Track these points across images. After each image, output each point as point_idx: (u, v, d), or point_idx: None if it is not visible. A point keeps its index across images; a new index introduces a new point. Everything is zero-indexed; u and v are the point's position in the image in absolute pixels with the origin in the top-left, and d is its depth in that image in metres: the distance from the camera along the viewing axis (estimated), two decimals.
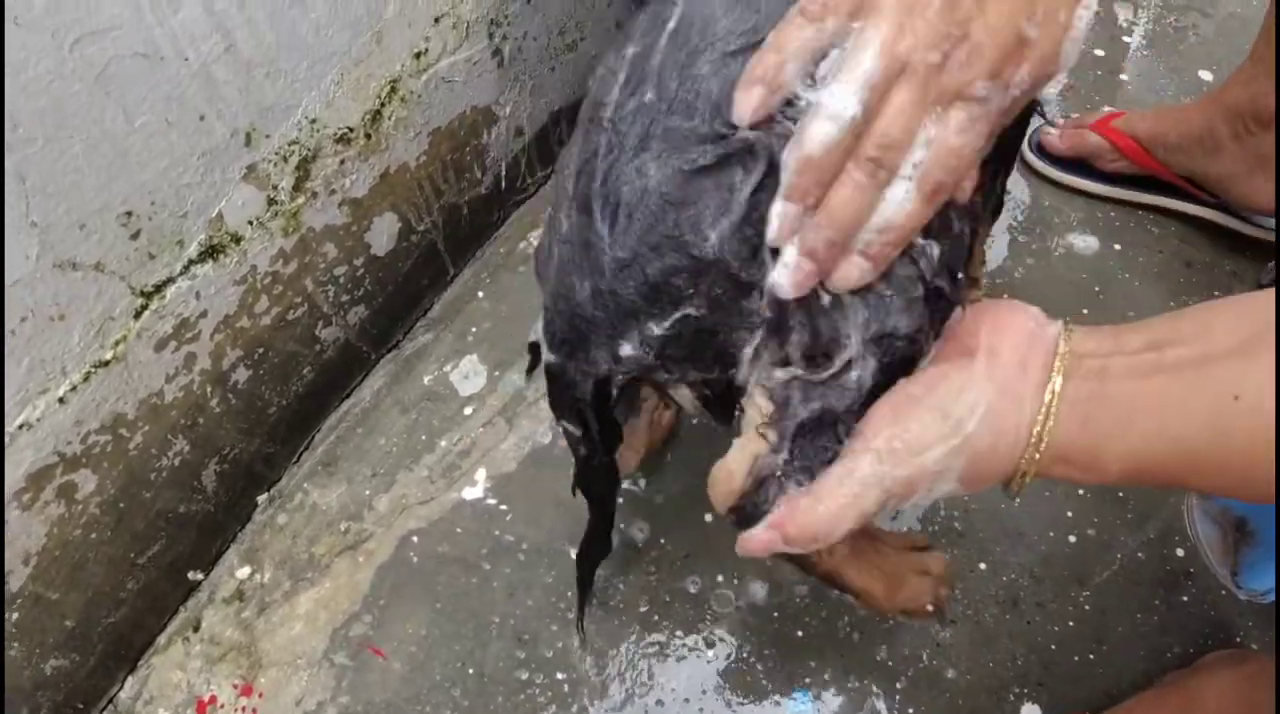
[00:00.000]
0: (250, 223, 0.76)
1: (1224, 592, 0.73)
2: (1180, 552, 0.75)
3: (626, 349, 0.48)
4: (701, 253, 0.44)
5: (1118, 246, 0.95)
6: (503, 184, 1.03)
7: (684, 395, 0.53)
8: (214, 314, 0.76)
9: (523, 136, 1.03)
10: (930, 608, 0.60)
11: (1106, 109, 1.01)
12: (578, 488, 0.60)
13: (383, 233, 0.90)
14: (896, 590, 0.59)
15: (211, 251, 0.74)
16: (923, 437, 0.42)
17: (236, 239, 0.75)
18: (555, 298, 0.51)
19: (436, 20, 0.86)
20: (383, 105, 0.84)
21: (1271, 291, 0.38)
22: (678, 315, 0.46)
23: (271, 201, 0.77)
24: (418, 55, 0.85)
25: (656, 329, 0.47)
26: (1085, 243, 0.95)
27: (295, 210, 0.80)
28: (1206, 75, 1.16)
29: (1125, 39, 1.19)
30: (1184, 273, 0.93)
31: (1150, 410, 0.39)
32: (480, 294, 0.96)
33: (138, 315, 0.70)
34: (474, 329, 0.93)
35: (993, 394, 0.41)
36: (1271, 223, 0.93)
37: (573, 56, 1.06)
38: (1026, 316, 0.45)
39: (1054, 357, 0.42)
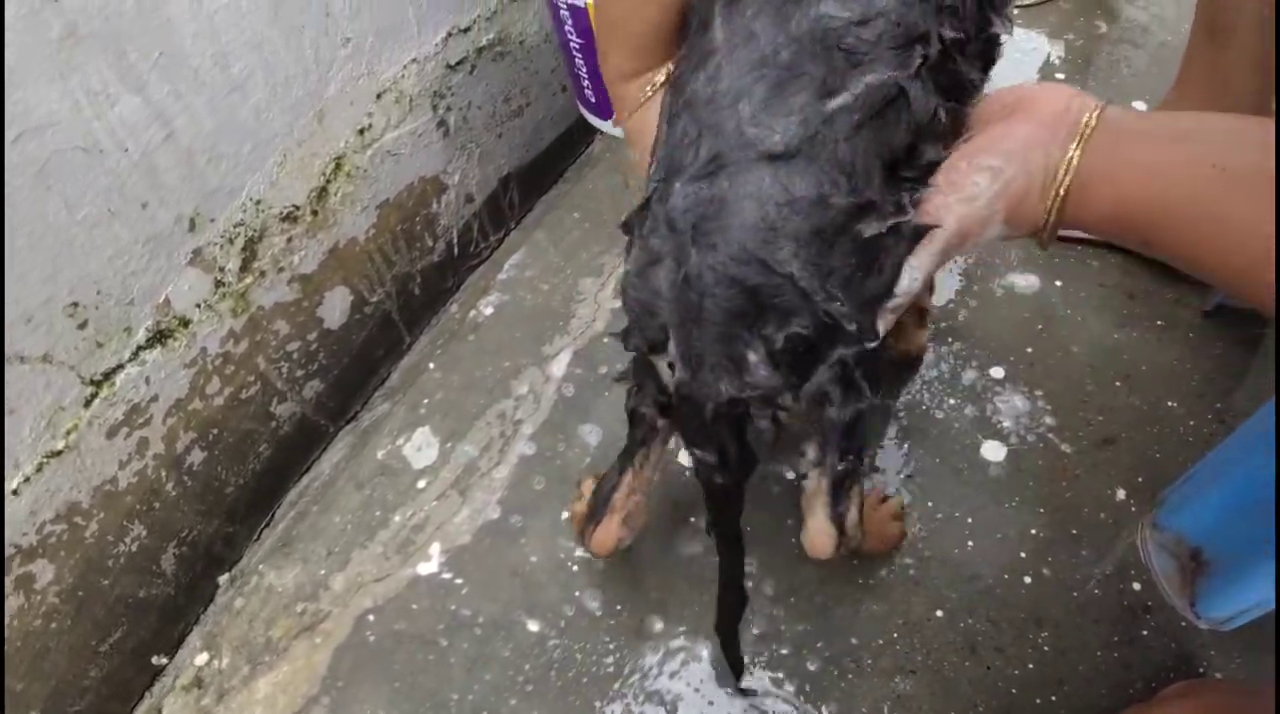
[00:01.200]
0: (198, 306, 0.78)
1: (1184, 623, 0.74)
2: (1137, 585, 0.76)
3: (752, 357, 0.50)
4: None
5: (1059, 283, 0.98)
6: (455, 250, 1.05)
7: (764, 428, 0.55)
8: (165, 398, 0.78)
9: (473, 203, 1.06)
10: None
11: None
12: (712, 528, 0.63)
13: (335, 307, 0.92)
14: (885, 537, 0.78)
15: (160, 337, 0.75)
16: (974, 189, 0.48)
17: (185, 323, 0.77)
18: (678, 310, 0.51)
19: (379, 96, 0.89)
20: (328, 182, 0.87)
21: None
22: (789, 330, 0.49)
23: (219, 283, 0.79)
24: (361, 132, 0.88)
25: (777, 340, 0.49)
26: (1026, 282, 0.98)
27: (244, 290, 0.82)
28: (1140, 106, 1.19)
29: (1058, 76, 1.23)
30: (1127, 304, 0.95)
31: (1145, 167, 0.45)
32: (431, 365, 0.98)
33: (88, 404, 0.72)
34: (426, 401, 0.95)
35: (1027, 138, 0.47)
36: None
37: (519, 122, 1.09)
38: (1064, 92, 0.49)
39: (1085, 116, 0.47)
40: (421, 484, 0.88)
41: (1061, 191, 0.47)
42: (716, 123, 0.49)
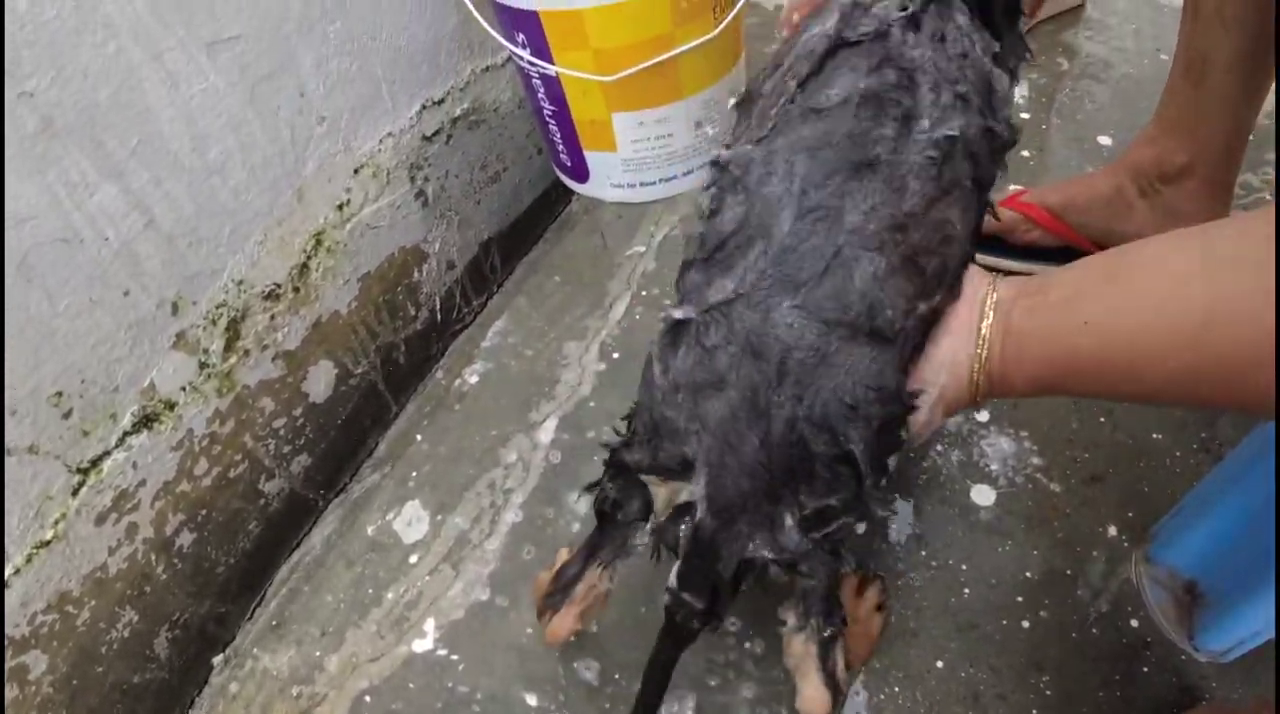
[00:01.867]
0: (183, 388, 0.79)
1: (1184, 656, 0.74)
2: (1135, 623, 0.76)
3: (789, 520, 0.50)
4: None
5: None
6: (438, 317, 1.07)
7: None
8: (153, 482, 0.78)
9: (454, 269, 1.07)
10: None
11: (1013, 187, 1.06)
12: (652, 663, 0.62)
13: (319, 380, 0.93)
14: (871, 635, 0.77)
15: (146, 421, 0.76)
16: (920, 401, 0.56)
17: (170, 406, 0.78)
18: (722, 450, 0.49)
19: (356, 171, 0.90)
20: (309, 258, 0.88)
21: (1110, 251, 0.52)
22: (823, 502, 0.49)
23: (203, 365, 0.80)
24: (340, 207, 0.90)
25: (809, 507, 0.49)
26: None
27: (228, 370, 0.82)
28: (1106, 140, 1.22)
29: (1024, 114, 1.26)
30: None
31: (1036, 338, 0.52)
32: (419, 437, 0.99)
33: (75, 492, 0.72)
34: (414, 473, 0.95)
35: (950, 348, 0.55)
36: None
37: (497, 187, 1.11)
38: (972, 298, 0.57)
39: (983, 305, 0.55)
40: (413, 559, 0.88)
41: (980, 382, 0.55)
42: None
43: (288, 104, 0.81)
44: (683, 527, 0.52)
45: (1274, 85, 0.88)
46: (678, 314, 0.52)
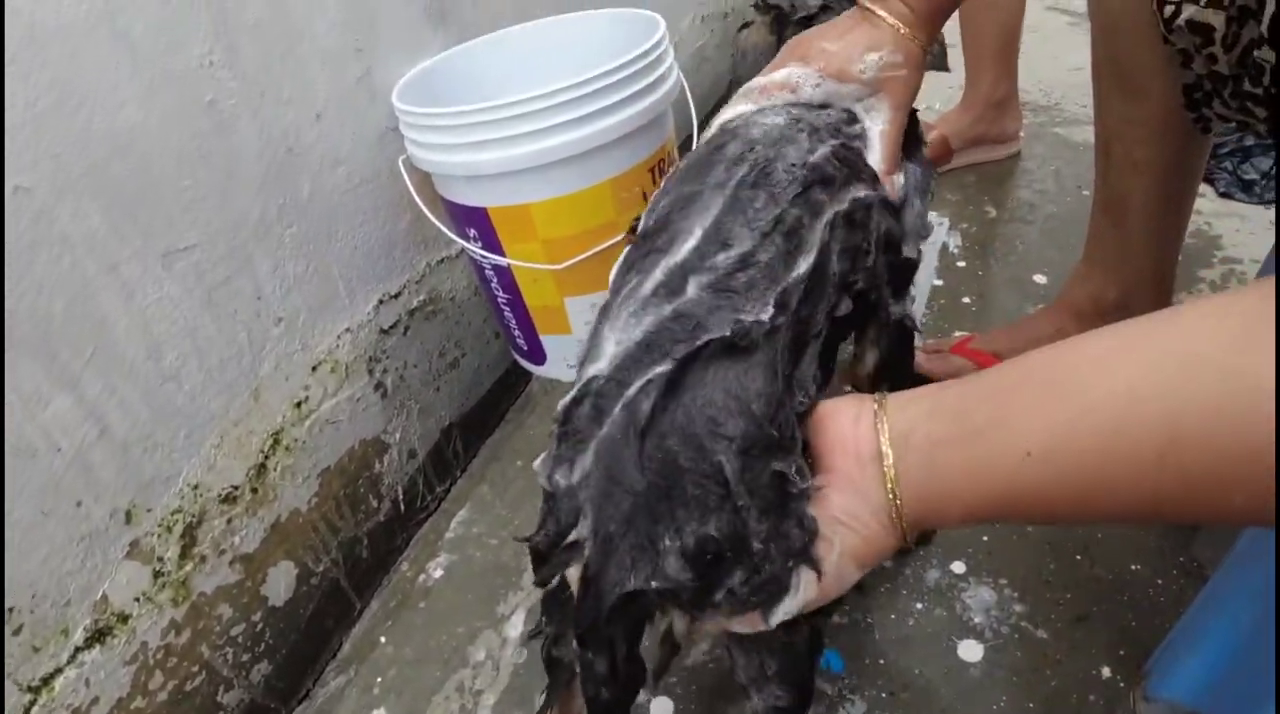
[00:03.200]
0: (137, 599, 0.77)
1: None
2: None
3: (667, 543, 0.48)
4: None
5: None
6: (401, 508, 1.07)
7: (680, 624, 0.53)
8: (106, 699, 0.75)
9: (416, 458, 1.08)
10: None
11: (958, 334, 1.11)
12: None
13: (279, 582, 0.91)
14: None
15: (99, 635, 0.74)
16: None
17: (124, 618, 0.76)
18: (606, 476, 0.50)
19: (314, 368, 0.93)
20: (267, 458, 0.89)
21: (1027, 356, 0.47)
22: (705, 530, 0.48)
23: (158, 574, 0.79)
24: (299, 404, 0.92)
25: (689, 534, 0.48)
26: None
27: (183, 578, 0.81)
28: (1041, 278, 1.29)
29: (959, 264, 1.33)
30: None
31: (965, 475, 0.46)
32: (383, 639, 0.97)
33: (26, 712, 0.69)
34: (379, 679, 0.92)
35: (842, 505, 0.49)
36: None
37: (456, 373, 1.14)
38: (841, 416, 0.52)
39: (877, 443, 0.49)
40: None
41: (905, 525, 0.49)
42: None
43: (244, 307, 0.84)
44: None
45: None
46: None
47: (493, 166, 0.89)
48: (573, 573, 0.52)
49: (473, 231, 0.98)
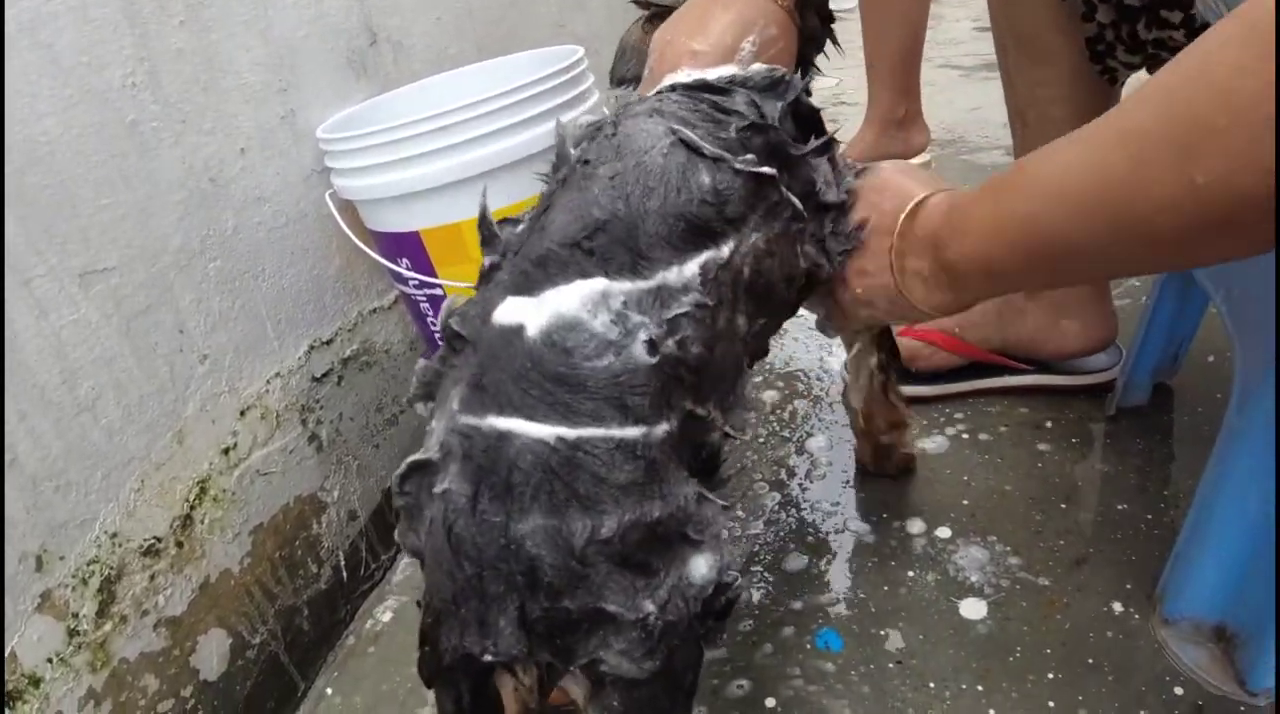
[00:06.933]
0: (50, 660, 0.70)
1: (1243, 707, 0.69)
2: (1179, 690, 0.71)
3: (503, 625, 0.49)
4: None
5: (965, 436, 1.03)
6: (344, 574, 1.00)
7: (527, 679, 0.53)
8: None
9: (357, 519, 1.03)
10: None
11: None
12: None
13: (211, 653, 0.84)
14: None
15: (7, 700, 0.66)
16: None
17: (35, 682, 0.68)
18: (436, 564, 0.51)
19: (242, 413, 0.89)
20: (193, 509, 0.83)
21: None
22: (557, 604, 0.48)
23: (73, 632, 0.72)
24: (226, 451, 0.87)
25: (535, 612, 0.48)
26: (934, 443, 1.03)
27: (102, 640, 0.74)
28: None
29: None
30: (1036, 434, 1.01)
31: (976, 222, 0.55)
32: (329, 690, 0.90)
33: None
34: None
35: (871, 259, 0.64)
36: (1089, 365, 1.05)
37: (395, 430, 1.10)
38: (898, 188, 0.64)
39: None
40: None
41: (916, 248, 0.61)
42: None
43: (166, 340, 0.81)
44: None
45: None
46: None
47: (422, 181, 0.90)
48: None
49: (405, 260, 0.98)
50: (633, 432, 0.49)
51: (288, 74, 0.96)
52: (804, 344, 1.27)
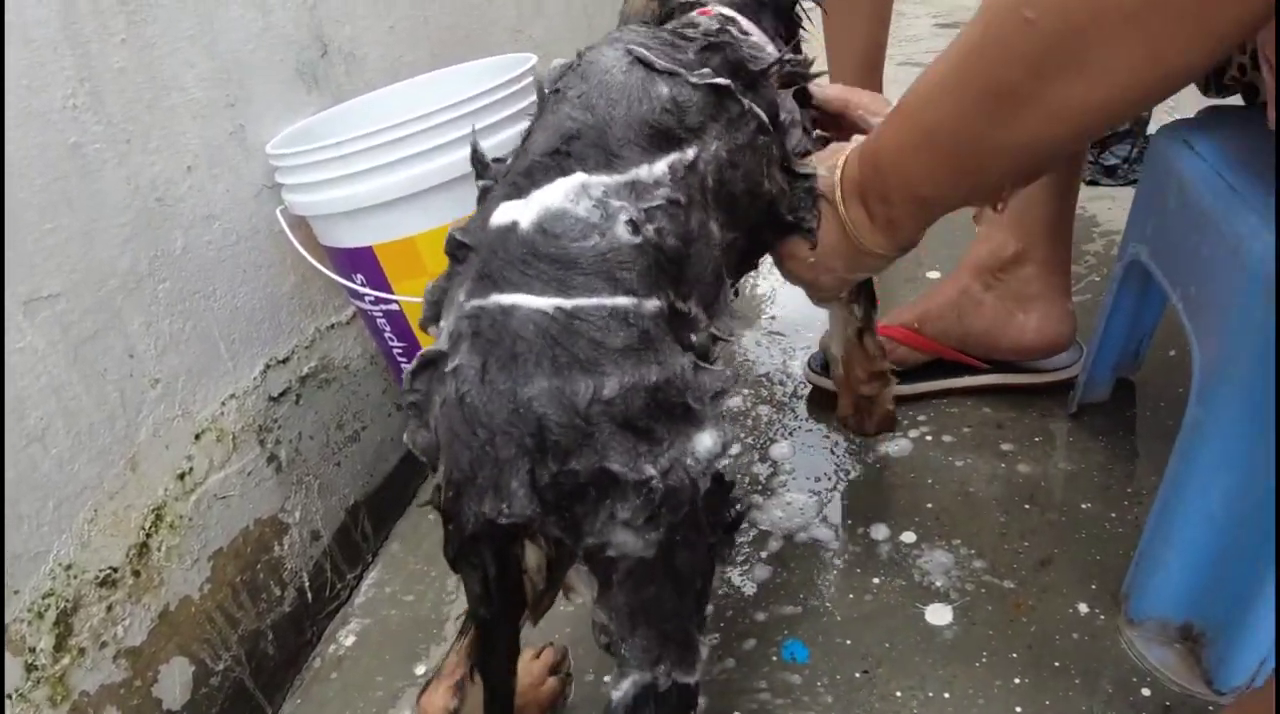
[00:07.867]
0: (10, 697, 0.69)
1: (1212, 707, 0.70)
2: (1146, 691, 0.72)
3: (515, 484, 0.52)
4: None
5: (928, 438, 1.04)
6: (309, 596, 0.99)
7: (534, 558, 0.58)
8: None
9: (320, 540, 1.02)
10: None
11: None
12: (477, 670, 0.64)
13: (174, 682, 0.83)
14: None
15: None
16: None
17: None
18: (451, 438, 0.54)
19: (197, 437, 0.88)
20: (149, 536, 0.83)
21: None
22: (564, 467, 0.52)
23: (31, 667, 0.71)
24: (182, 476, 0.86)
25: (545, 477, 0.52)
26: (897, 447, 1.04)
27: (61, 673, 0.73)
28: (934, 274, 1.36)
29: None
30: (998, 434, 1.02)
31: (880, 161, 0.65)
32: None
33: None
34: None
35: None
36: (1051, 362, 1.06)
37: (357, 447, 1.10)
38: (831, 154, 0.71)
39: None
40: None
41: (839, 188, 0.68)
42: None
43: (115, 366, 0.80)
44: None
45: None
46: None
47: (374, 196, 0.90)
48: None
49: (360, 277, 0.97)
50: (624, 301, 0.54)
51: (235, 88, 0.95)
52: (766, 349, 1.28)
